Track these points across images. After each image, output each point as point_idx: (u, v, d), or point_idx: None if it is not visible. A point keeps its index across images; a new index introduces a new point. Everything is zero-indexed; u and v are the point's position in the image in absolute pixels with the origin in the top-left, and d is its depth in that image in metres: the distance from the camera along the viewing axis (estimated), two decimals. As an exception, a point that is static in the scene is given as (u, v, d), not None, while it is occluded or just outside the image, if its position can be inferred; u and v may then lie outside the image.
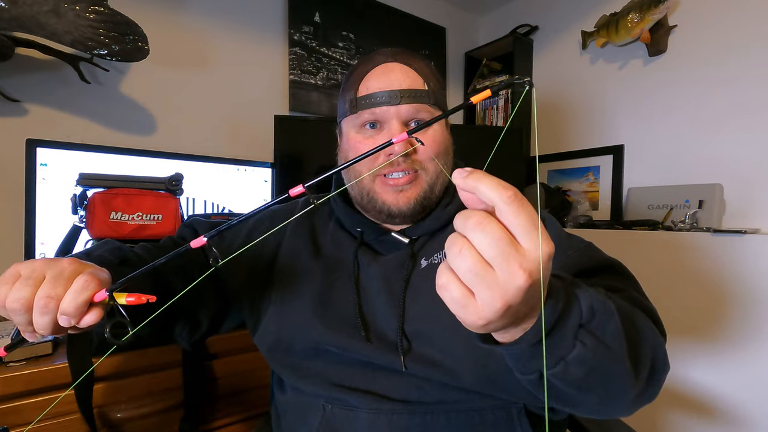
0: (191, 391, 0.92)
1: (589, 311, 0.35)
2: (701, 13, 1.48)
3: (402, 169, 0.58)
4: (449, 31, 2.18)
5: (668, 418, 1.29)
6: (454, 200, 0.63)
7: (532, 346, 0.32)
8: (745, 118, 1.38)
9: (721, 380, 1.20)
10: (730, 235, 1.20)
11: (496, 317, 0.28)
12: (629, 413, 0.42)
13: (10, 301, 0.36)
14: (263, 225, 0.67)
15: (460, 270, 0.28)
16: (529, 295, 0.28)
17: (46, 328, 0.37)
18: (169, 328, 0.57)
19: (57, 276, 0.36)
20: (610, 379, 0.37)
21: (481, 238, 0.27)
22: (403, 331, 0.55)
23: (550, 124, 1.99)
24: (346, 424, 0.53)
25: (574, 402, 0.40)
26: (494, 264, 0.27)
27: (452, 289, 0.29)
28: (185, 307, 0.55)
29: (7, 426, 0.76)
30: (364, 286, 0.60)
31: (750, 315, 1.16)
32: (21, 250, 0.99)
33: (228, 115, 1.52)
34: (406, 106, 0.58)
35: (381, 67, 0.60)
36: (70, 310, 0.35)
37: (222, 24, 1.50)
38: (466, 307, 0.29)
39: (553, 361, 0.34)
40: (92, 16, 1.00)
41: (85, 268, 0.38)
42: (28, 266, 0.37)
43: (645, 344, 0.41)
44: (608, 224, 1.57)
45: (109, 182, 0.93)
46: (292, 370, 0.59)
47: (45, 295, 0.35)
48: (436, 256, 0.60)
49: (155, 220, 0.95)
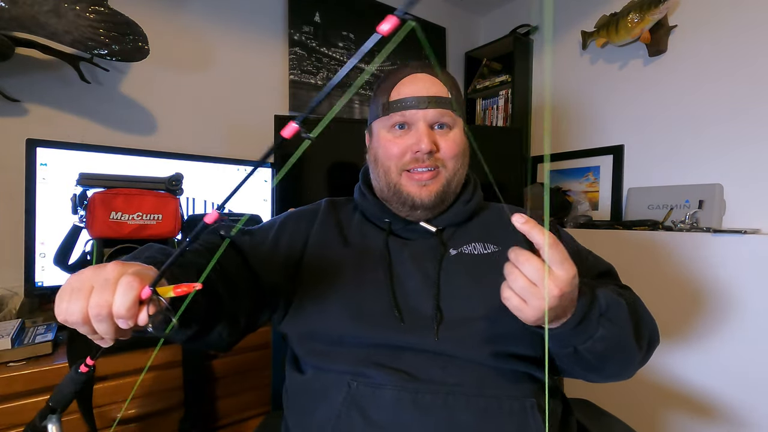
0: (191, 391, 0.92)
1: (606, 305, 0.51)
2: (701, 13, 1.48)
3: (426, 165, 0.65)
4: (449, 31, 2.18)
5: (668, 418, 1.29)
6: (473, 198, 0.72)
7: (571, 329, 0.49)
8: (745, 118, 1.38)
9: (722, 381, 1.20)
10: (730, 235, 1.20)
11: (541, 315, 0.43)
12: (632, 375, 0.60)
13: (68, 315, 0.37)
14: (289, 224, 0.72)
15: (516, 287, 0.44)
16: (561, 301, 0.44)
17: (109, 333, 0.38)
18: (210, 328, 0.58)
19: (103, 283, 0.37)
20: (622, 351, 0.54)
21: (528, 268, 0.43)
22: (439, 308, 0.61)
23: (550, 124, 1.99)
24: (371, 401, 0.54)
25: (597, 369, 0.56)
26: (537, 283, 0.42)
27: (513, 299, 0.45)
28: (226, 308, 0.58)
29: (7, 426, 0.77)
30: (396, 270, 0.65)
31: (750, 315, 1.16)
32: (21, 250, 0.99)
33: (228, 115, 1.52)
34: (432, 111, 0.65)
35: (411, 76, 0.68)
36: (122, 312, 0.36)
37: (222, 24, 1.50)
38: (522, 310, 0.44)
39: (584, 339, 0.50)
40: (92, 16, 1.01)
41: (129, 268, 0.39)
42: (78, 278, 0.39)
43: (644, 326, 0.58)
44: (608, 224, 1.57)
45: (109, 182, 0.93)
46: (319, 354, 0.61)
47: (95, 304, 0.37)
48: (465, 246, 0.68)
49: (155, 220, 0.95)
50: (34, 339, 0.86)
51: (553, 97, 1.98)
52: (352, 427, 0.53)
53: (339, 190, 1.26)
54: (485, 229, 0.70)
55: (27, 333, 0.90)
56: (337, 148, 1.25)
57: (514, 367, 0.58)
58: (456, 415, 0.53)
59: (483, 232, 0.70)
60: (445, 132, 0.67)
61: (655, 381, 1.32)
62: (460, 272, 0.64)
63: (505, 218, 0.72)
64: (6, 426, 0.77)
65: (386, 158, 0.67)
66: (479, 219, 0.72)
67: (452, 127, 0.67)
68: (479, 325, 0.60)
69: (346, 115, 1.79)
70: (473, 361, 0.58)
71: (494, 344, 0.58)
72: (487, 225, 0.71)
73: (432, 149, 0.64)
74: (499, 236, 0.69)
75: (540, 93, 2.03)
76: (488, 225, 0.71)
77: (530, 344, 0.60)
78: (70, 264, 0.93)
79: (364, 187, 0.74)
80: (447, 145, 0.66)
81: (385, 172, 0.68)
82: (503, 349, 0.58)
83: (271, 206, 1.38)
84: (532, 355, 0.60)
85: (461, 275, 0.64)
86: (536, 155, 2.03)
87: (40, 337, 0.88)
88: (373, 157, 0.71)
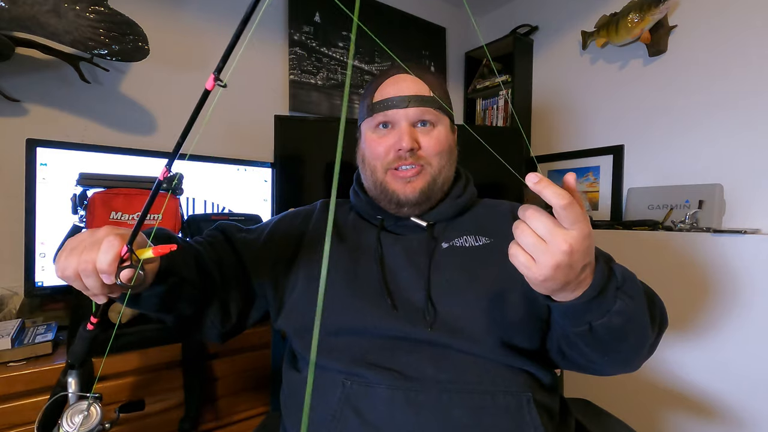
0: (191, 391, 0.92)
1: (622, 278, 0.48)
2: (701, 13, 1.48)
3: (409, 163, 0.67)
4: (449, 31, 2.18)
5: (668, 418, 1.29)
6: (465, 193, 0.74)
7: (585, 303, 0.46)
8: (745, 118, 1.38)
9: (722, 381, 1.20)
10: (730, 235, 1.20)
11: (550, 274, 0.41)
12: (639, 365, 0.57)
13: (63, 271, 0.43)
14: (284, 222, 0.75)
15: (524, 243, 0.42)
16: (571, 259, 0.41)
17: (97, 288, 0.43)
18: (203, 311, 0.62)
19: (92, 242, 0.43)
20: (638, 329, 0.51)
21: (536, 222, 0.41)
22: (430, 297, 0.62)
23: (550, 124, 1.99)
24: (365, 399, 0.54)
25: (612, 350, 0.53)
26: (545, 238, 0.41)
27: (520, 255, 0.42)
28: (217, 288, 0.63)
29: (7, 426, 0.76)
30: (388, 263, 0.67)
31: (750, 315, 1.16)
32: (21, 250, 0.99)
33: (228, 115, 1.52)
34: (413, 109, 0.67)
35: (394, 77, 0.70)
36: (103, 267, 0.41)
37: (222, 24, 1.50)
38: (530, 268, 0.42)
39: (601, 314, 0.47)
40: (92, 16, 1.01)
41: (116, 230, 0.44)
42: (74, 239, 0.44)
43: (655, 305, 0.56)
44: (608, 224, 1.57)
45: (109, 182, 0.93)
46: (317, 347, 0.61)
47: (83, 260, 0.42)
48: (457, 240, 0.68)
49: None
50: (34, 339, 0.86)
51: (553, 97, 1.98)
52: (347, 427, 0.53)
53: (339, 189, 1.27)
54: (477, 223, 0.71)
55: (27, 333, 0.90)
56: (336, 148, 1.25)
57: (509, 360, 0.58)
58: (450, 412, 0.52)
59: (475, 226, 0.71)
60: (428, 130, 0.68)
61: (655, 381, 1.32)
62: (452, 264, 0.65)
63: (498, 211, 0.74)
64: (6, 426, 0.77)
65: (372, 157, 0.70)
66: (471, 213, 0.74)
67: (435, 124, 0.69)
68: (473, 314, 0.60)
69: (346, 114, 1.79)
70: (467, 351, 0.58)
71: (489, 334, 0.59)
72: (479, 218, 0.72)
73: (413, 147, 0.66)
74: (491, 229, 0.70)
75: (540, 93, 2.04)
76: (480, 218, 0.72)
77: (527, 335, 0.60)
78: (70, 264, 0.93)
79: (357, 187, 0.77)
80: (429, 143, 0.68)
81: (372, 171, 0.71)
82: (498, 339, 0.58)
83: (271, 206, 1.39)
84: (528, 348, 0.60)
85: (454, 267, 0.65)
86: (536, 155, 2.03)
87: (40, 337, 0.88)
88: (362, 157, 0.74)
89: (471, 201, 0.75)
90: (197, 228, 1.12)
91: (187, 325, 0.62)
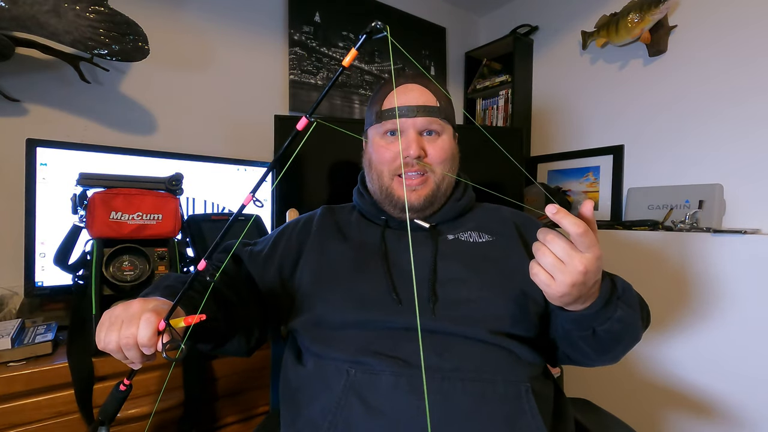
0: (191, 391, 0.92)
1: (622, 289, 0.56)
2: (701, 13, 1.48)
3: (416, 169, 0.71)
4: (449, 31, 2.18)
5: (667, 417, 1.29)
6: (464, 197, 0.77)
7: (593, 312, 0.54)
8: (745, 119, 1.38)
9: (721, 381, 1.20)
10: (730, 235, 1.20)
11: (567, 291, 0.48)
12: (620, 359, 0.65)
13: (106, 345, 0.47)
14: (287, 228, 0.79)
15: (544, 263, 0.48)
16: (585, 278, 0.47)
17: (137, 359, 0.47)
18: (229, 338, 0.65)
19: (130, 318, 0.47)
20: (632, 330, 0.59)
21: (555, 246, 0.48)
22: (434, 286, 0.65)
23: (550, 124, 1.99)
24: (370, 386, 0.56)
25: (608, 350, 0.61)
26: (564, 260, 0.47)
27: (541, 274, 0.49)
28: (239, 324, 0.65)
29: (7, 426, 0.76)
30: (392, 258, 0.70)
31: (750, 315, 1.16)
32: (21, 250, 0.99)
33: (228, 115, 1.52)
34: (421, 119, 0.71)
35: (402, 87, 0.73)
36: (144, 342, 0.45)
37: (222, 24, 1.50)
38: (550, 285, 0.48)
39: (604, 320, 0.55)
40: (92, 16, 1.01)
41: (149, 305, 0.49)
42: (111, 315, 0.48)
43: (644, 309, 0.66)
44: (608, 224, 1.57)
45: (109, 182, 0.93)
46: (323, 340, 0.64)
47: (124, 336, 0.46)
48: (461, 234, 0.73)
49: (155, 219, 0.95)
50: (34, 339, 0.86)
51: (553, 97, 1.98)
52: (352, 413, 0.54)
53: (339, 189, 1.27)
54: (479, 223, 0.75)
55: (27, 333, 0.90)
56: (337, 148, 1.25)
57: (509, 347, 0.60)
58: (452, 399, 0.54)
59: (477, 224, 0.75)
60: (433, 138, 0.72)
61: (654, 380, 1.32)
62: (456, 256, 0.69)
63: (499, 214, 0.78)
64: (6, 426, 0.77)
65: (379, 162, 0.73)
66: (472, 214, 0.78)
67: (440, 133, 0.73)
68: (476, 304, 0.63)
69: (346, 114, 1.79)
70: (469, 337, 0.60)
71: (491, 322, 0.61)
72: (481, 219, 0.76)
73: (420, 154, 0.70)
74: (493, 229, 0.74)
75: (540, 93, 2.04)
76: (481, 219, 0.76)
77: (527, 326, 0.64)
78: (70, 264, 0.93)
79: (362, 188, 0.80)
80: (435, 151, 0.71)
81: (379, 176, 0.74)
82: (499, 328, 0.61)
83: (271, 206, 1.38)
84: (527, 336, 0.63)
85: (458, 259, 0.68)
86: (536, 155, 2.03)
87: (40, 337, 0.88)
88: (368, 161, 0.77)
89: (470, 204, 0.79)
90: (197, 228, 1.12)
91: (215, 351, 0.65)
